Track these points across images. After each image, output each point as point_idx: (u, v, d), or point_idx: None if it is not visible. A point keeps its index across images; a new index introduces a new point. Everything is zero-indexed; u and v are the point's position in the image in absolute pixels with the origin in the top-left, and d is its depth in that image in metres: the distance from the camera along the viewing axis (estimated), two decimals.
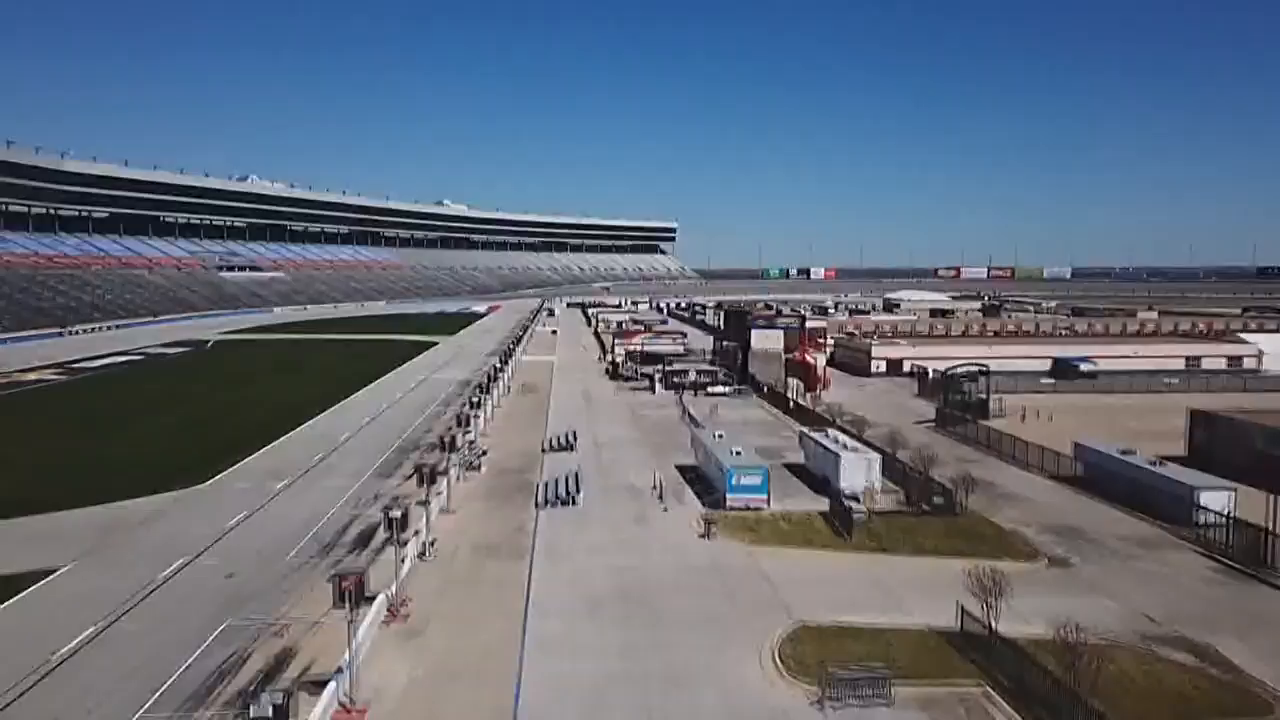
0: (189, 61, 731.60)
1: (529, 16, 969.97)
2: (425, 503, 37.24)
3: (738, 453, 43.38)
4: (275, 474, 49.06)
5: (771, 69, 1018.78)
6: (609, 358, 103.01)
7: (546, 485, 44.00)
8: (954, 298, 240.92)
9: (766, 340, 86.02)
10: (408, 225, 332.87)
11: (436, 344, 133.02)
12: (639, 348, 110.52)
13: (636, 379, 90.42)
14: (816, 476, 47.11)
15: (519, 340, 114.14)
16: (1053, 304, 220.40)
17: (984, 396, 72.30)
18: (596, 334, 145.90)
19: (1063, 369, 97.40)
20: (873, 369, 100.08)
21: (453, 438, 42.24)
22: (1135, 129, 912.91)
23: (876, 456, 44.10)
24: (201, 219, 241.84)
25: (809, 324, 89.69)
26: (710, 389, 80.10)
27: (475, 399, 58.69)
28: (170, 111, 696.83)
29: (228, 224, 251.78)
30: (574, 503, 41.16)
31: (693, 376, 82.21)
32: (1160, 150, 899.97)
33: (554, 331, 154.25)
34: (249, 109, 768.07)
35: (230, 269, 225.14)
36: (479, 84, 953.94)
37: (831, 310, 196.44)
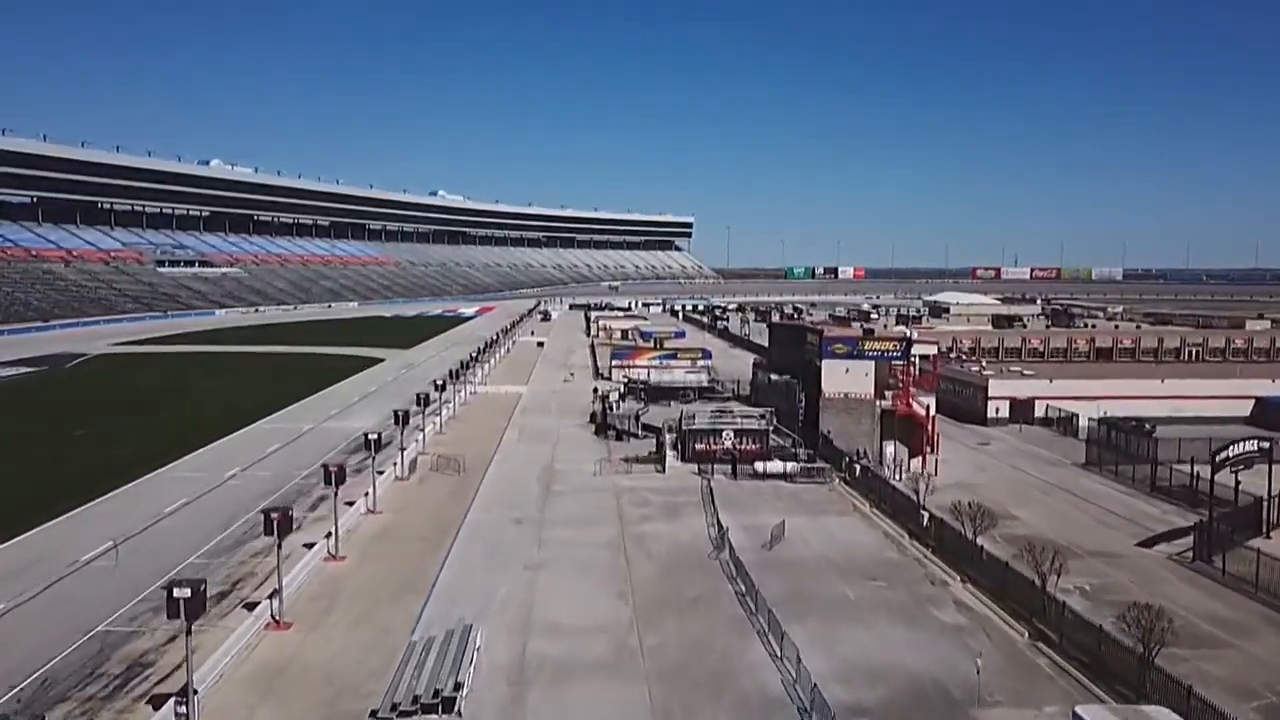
0: (160, 46, 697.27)
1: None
2: None
3: None
4: None
5: (794, 60, 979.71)
6: (598, 394, 69.87)
7: None
8: (1003, 300, 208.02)
9: (848, 377, 52.88)
10: (395, 217, 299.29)
11: (380, 361, 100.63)
12: (644, 376, 77.69)
13: (636, 433, 57.56)
14: None
15: (471, 361, 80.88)
16: (1119, 309, 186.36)
17: (1258, 492, 39.47)
18: (593, 349, 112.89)
19: (1274, 414, 64.65)
20: (990, 412, 67.43)
21: None
22: (1187, 127, 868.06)
23: None
24: (145, 206, 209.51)
25: (916, 347, 55.97)
26: (761, 466, 46.99)
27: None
28: (147, 100, 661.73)
29: (181, 212, 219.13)
30: None
31: (729, 440, 49.12)
32: (1214, 150, 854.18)
33: (540, 344, 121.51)
34: (232, 96, 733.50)
35: (173, 264, 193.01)
36: (482, 75, 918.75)
37: (873, 315, 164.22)
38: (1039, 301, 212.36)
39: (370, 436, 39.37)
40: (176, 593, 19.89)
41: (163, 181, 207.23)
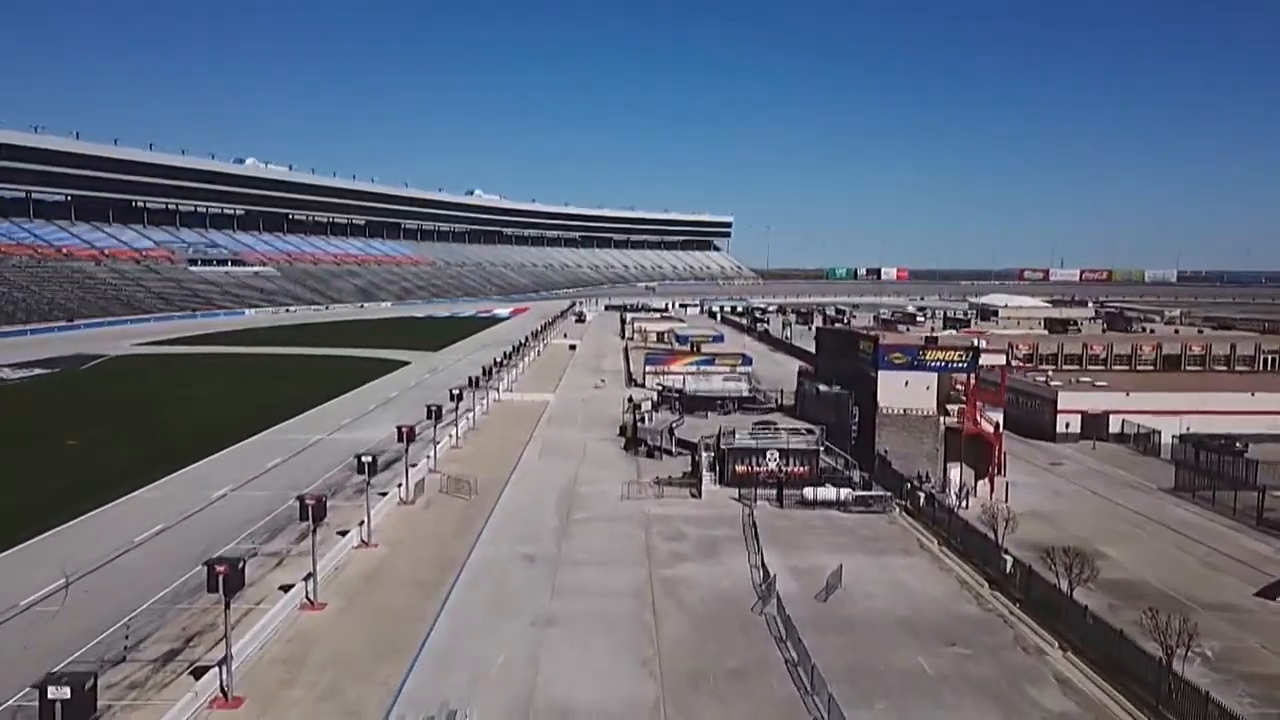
0: (192, 48, 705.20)
1: None
2: None
3: None
4: None
5: (843, 61, 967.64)
6: (631, 403, 64.82)
7: None
8: (1053, 302, 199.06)
9: (907, 391, 47.27)
10: (430, 216, 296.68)
11: (405, 364, 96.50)
12: (679, 383, 72.40)
13: (669, 449, 52.26)
14: None
15: (496, 366, 76.28)
16: (1175, 313, 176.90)
17: None
18: (627, 352, 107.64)
19: None
20: (1060, 427, 61.17)
21: None
22: (1242, 127, 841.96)
23: None
24: (179, 204, 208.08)
25: (982, 357, 50.32)
26: (811, 493, 41.46)
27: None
28: (178, 98, 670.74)
29: (215, 211, 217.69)
30: None
31: (774, 461, 43.71)
32: (1274, 149, 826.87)
33: (572, 346, 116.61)
34: (265, 96, 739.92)
35: (206, 263, 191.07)
36: (526, 75, 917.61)
37: (920, 319, 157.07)
38: (1090, 304, 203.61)
39: (365, 459, 34.51)
40: (52, 693, 15.05)
41: (197, 180, 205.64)
